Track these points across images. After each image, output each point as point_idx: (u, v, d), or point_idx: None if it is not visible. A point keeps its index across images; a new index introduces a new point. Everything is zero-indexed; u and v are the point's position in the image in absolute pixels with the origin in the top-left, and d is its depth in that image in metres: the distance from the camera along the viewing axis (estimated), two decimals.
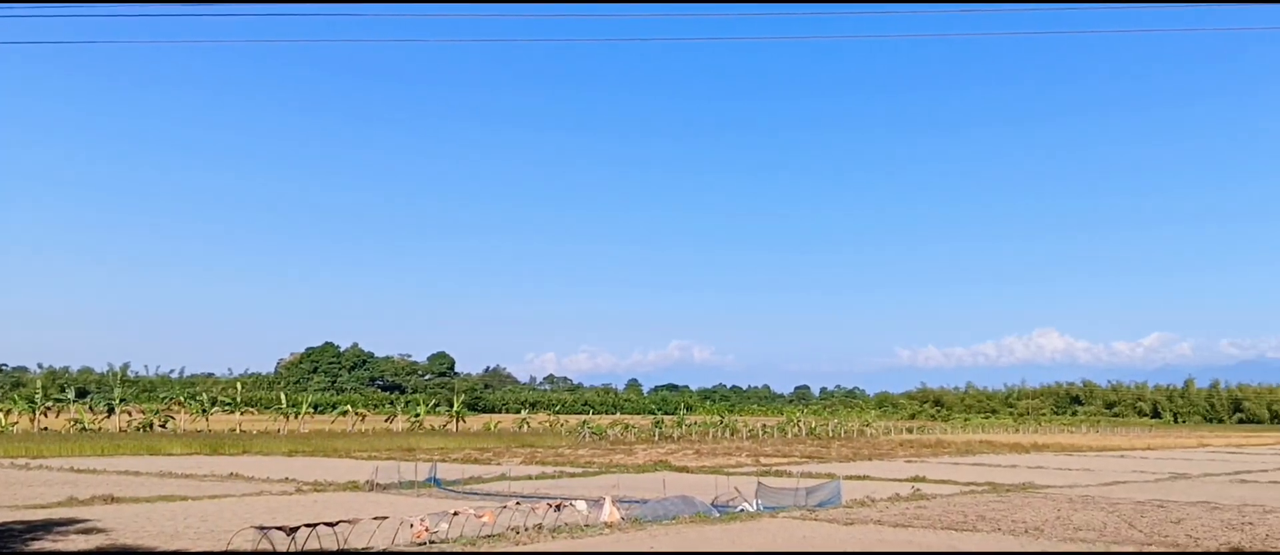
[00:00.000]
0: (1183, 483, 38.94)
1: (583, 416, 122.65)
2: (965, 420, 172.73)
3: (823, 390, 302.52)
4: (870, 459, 53.73)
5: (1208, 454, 67.72)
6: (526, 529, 20.71)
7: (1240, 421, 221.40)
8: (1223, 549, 19.30)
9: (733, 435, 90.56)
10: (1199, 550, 19.25)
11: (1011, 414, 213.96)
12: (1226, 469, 48.58)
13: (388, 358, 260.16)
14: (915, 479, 37.66)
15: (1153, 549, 19.37)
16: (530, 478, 38.33)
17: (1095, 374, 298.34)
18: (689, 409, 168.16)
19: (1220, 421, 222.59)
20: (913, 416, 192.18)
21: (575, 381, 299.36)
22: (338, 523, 18.45)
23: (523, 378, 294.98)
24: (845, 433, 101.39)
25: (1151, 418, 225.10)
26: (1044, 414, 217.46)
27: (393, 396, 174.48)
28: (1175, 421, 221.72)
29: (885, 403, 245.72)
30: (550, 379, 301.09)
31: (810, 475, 38.57)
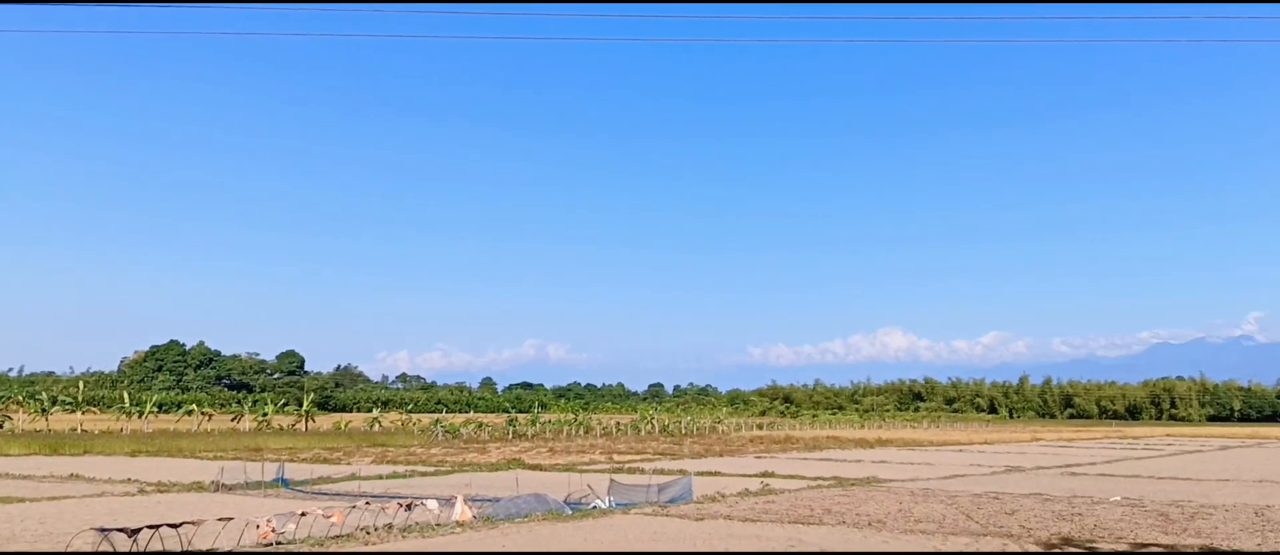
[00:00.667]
0: (1017, 476, 40.62)
1: (436, 415, 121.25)
2: (814, 416, 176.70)
3: (676, 388, 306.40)
4: (721, 455, 54.55)
5: (1041, 448, 70.76)
6: (376, 529, 20.47)
7: (1071, 417, 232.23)
8: (1053, 539, 20.23)
9: (587, 433, 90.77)
10: (1030, 542, 20.12)
11: (858, 410, 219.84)
12: (1058, 462, 50.85)
13: (235, 356, 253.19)
14: (765, 474, 38.39)
15: (988, 538, 20.21)
16: (381, 477, 37.79)
17: (937, 371, 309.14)
18: (543, 407, 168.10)
19: (1052, 417, 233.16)
20: (763, 413, 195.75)
21: (429, 380, 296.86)
22: (181, 524, 17.93)
23: (375, 376, 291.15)
24: (698, 430, 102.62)
25: (989, 413, 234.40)
26: (888, 410, 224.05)
27: (240, 396, 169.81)
28: (1011, 417, 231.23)
29: (737, 400, 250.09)
30: (403, 378, 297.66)
31: (663, 472, 38.97)
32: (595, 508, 25.24)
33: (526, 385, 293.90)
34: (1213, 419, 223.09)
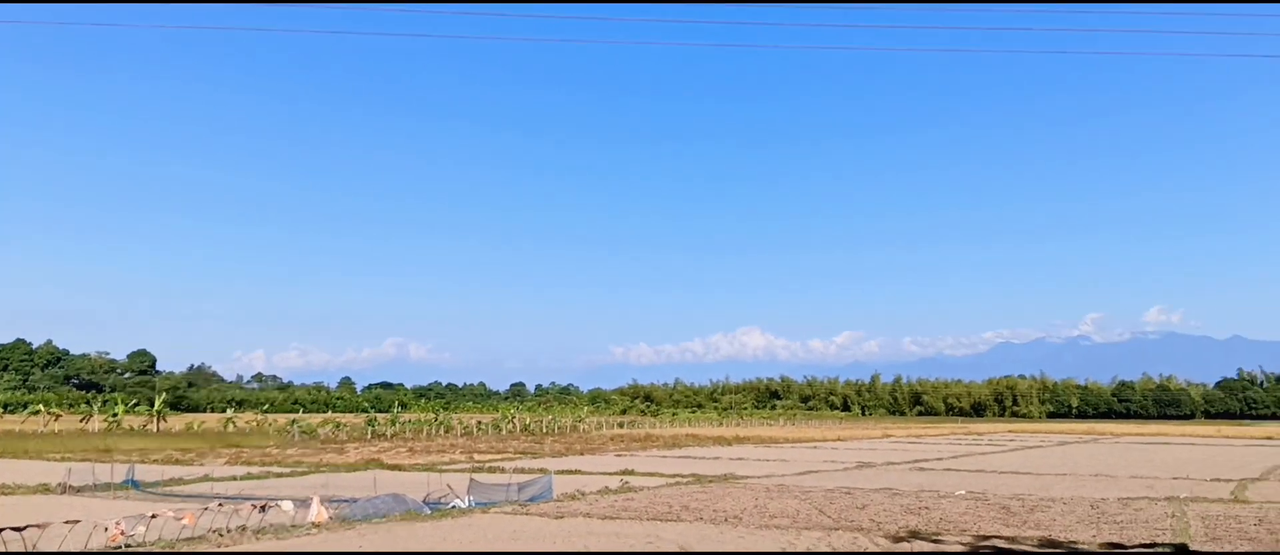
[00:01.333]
0: (868, 471, 41.74)
1: (293, 416, 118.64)
2: (674, 415, 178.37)
3: (538, 387, 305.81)
4: (582, 454, 54.66)
5: (891, 444, 72.81)
6: (229, 531, 19.97)
7: (920, 414, 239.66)
8: (902, 532, 20.88)
9: (448, 433, 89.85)
10: (879, 535, 20.73)
11: (717, 408, 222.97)
12: (907, 458, 52.41)
13: (84, 356, 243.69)
14: (625, 472, 38.64)
15: (839, 533, 20.75)
16: (235, 478, 36.78)
17: (793, 370, 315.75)
18: (404, 407, 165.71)
19: (903, 414, 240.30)
20: (624, 412, 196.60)
21: (286, 380, 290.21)
22: (26, 527, 17.20)
23: (230, 376, 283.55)
24: (559, 429, 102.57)
25: (842, 410, 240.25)
26: (746, 408, 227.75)
27: (89, 396, 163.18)
28: (863, 414, 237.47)
29: (598, 399, 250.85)
30: (259, 377, 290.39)
31: (523, 471, 38.91)
32: (454, 507, 25.07)
33: (386, 385, 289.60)
34: (1052, 415, 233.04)
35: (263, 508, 21.05)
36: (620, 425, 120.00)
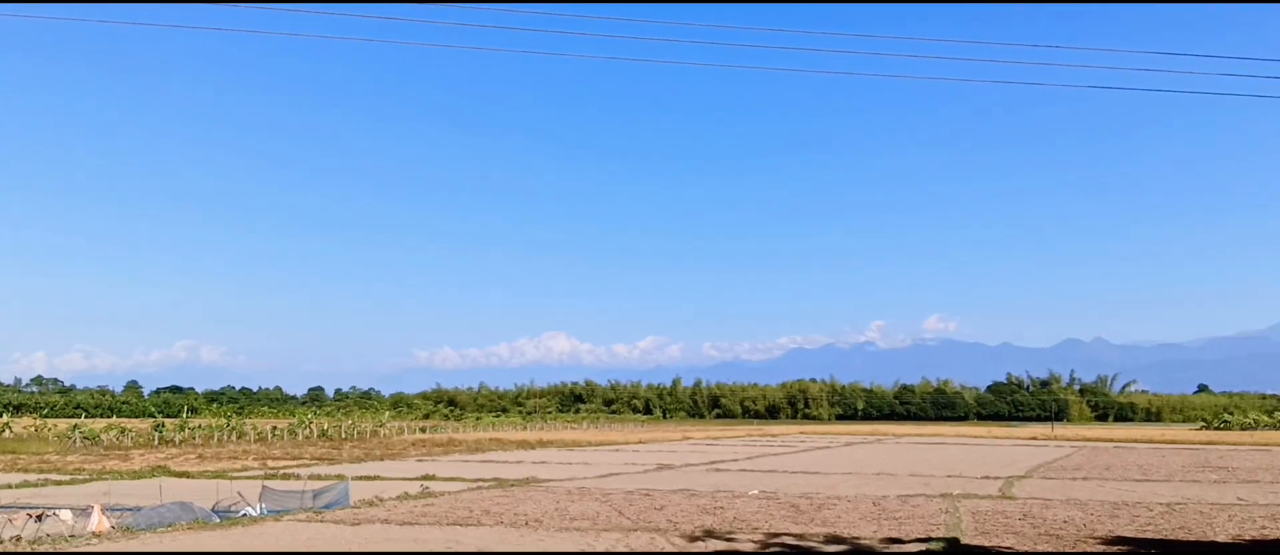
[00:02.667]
0: (667, 473, 42.63)
1: (74, 421, 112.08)
2: (477, 419, 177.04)
3: (338, 392, 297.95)
4: (382, 459, 53.84)
5: (690, 446, 74.35)
6: (2, 542, 18.99)
7: (718, 416, 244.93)
8: (697, 531, 21.54)
9: (241, 439, 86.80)
10: (676, 535, 21.34)
11: (521, 412, 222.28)
12: (704, 459, 53.70)
13: None
14: (425, 477, 38.34)
15: (638, 533, 21.25)
16: (10, 486, 34.75)
17: (597, 374, 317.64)
18: (194, 411, 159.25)
19: (702, 416, 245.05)
20: (427, 416, 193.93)
21: (67, 383, 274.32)
22: None
23: (6, 379, 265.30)
24: (358, 434, 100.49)
25: (644, 414, 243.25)
26: (550, 412, 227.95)
27: None
28: (664, 417, 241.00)
29: (400, 403, 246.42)
30: (38, 380, 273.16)
31: (319, 477, 38.08)
32: (245, 516, 24.45)
33: (176, 389, 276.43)
34: (841, 417, 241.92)
35: (39, 517, 20.16)
36: (423, 430, 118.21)
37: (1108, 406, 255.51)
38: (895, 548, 19.62)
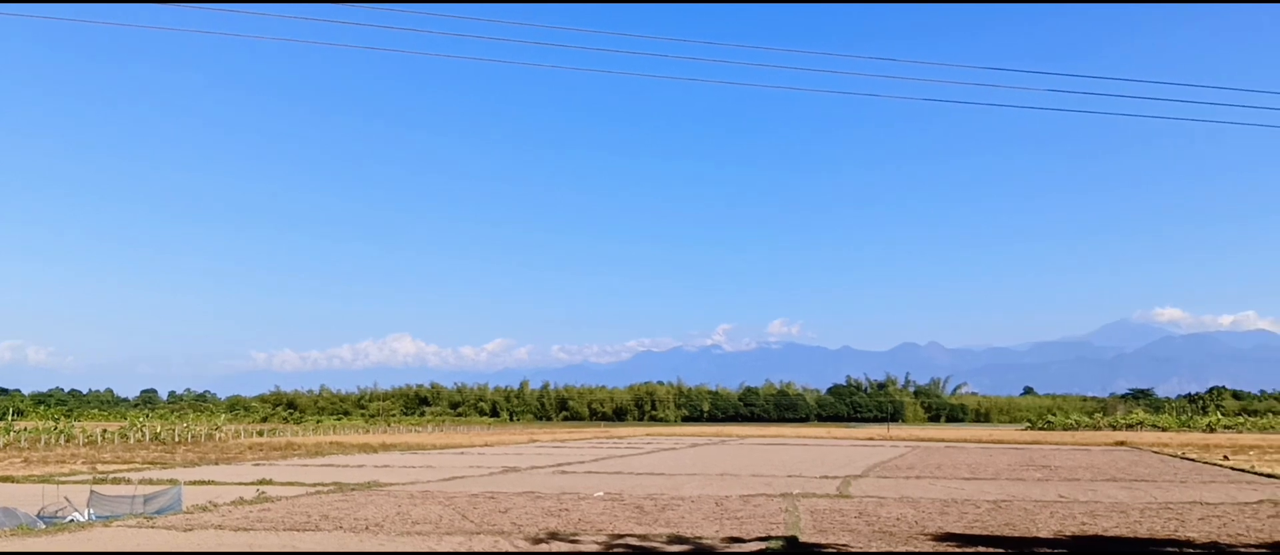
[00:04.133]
0: (513, 475, 42.42)
1: None
2: (318, 422, 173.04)
3: (172, 394, 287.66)
4: (217, 463, 52.11)
5: (536, 449, 74.08)
6: None
7: (566, 419, 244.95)
8: (541, 534, 21.53)
9: (69, 442, 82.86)
10: (520, 538, 21.29)
11: (364, 415, 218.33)
12: (551, 462, 53.60)
13: None
14: (262, 481, 37.30)
15: (481, 537, 21.13)
16: None
17: (444, 376, 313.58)
18: (20, 414, 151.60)
19: (549, 419, 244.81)
20: (265, 420, 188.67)
21: None
22: None
23: None
24: (192, 438, 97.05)
25: (491, 417, 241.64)
26: (394, 415, 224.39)
27: None
28: (511, 419, 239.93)
29: (237, 406, 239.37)
30: None
31: (151, 482, 36.68)
32: (73, 521, 23.40)
33: (0, 390, 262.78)
34: (687, 419, 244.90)
35: None
36: (261, 433, 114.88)
37: (940, 408, 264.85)
38: (736, 547, 19.98)
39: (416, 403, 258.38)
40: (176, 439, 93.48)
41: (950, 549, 20.04)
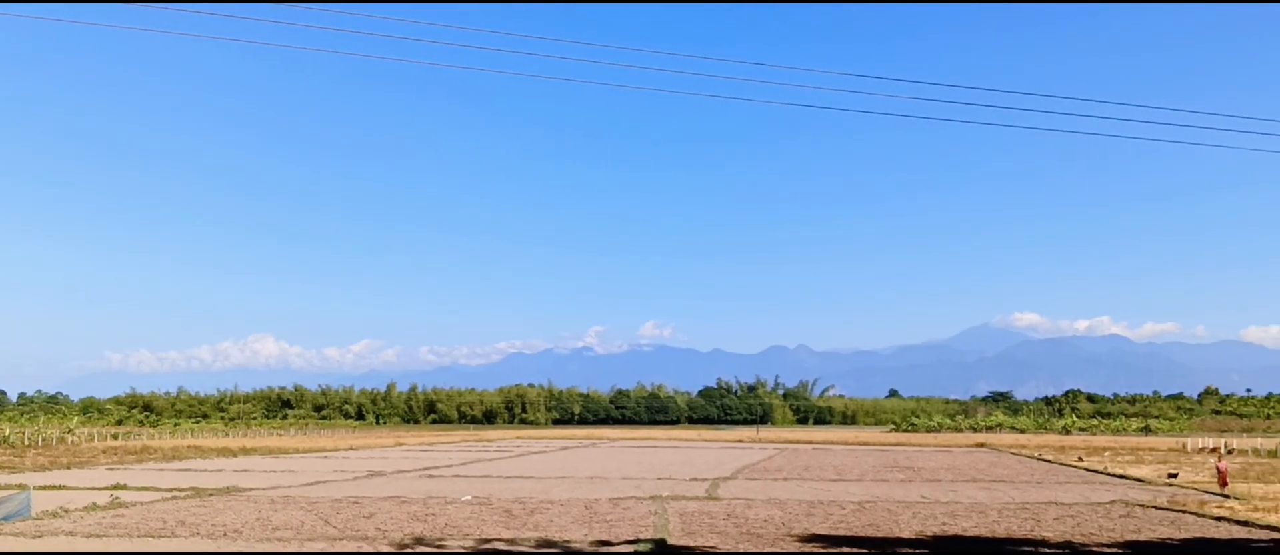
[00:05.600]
0: (378, 480, 41.71)
1: None
2: (176, 425, 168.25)
3: (21, 396, 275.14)
4: (69, 468, 50.07)
5: (403, 452, 73.05)
6: None
7: (434, 421, 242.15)
8: (407, 539, 21.20)
9: None
10: (384, 543, 20.94)
11: (223, 419, 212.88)
12: (418, 465, 52.90)
13: None
14: (116, 486, 35.97)
15: (344, 542, 20.71)
16: None
17: (308, 379, 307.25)
18: None
19: (417, 422, 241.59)
20: (120, 422, 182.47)
21: None
22: None
23: None
24: (43, 441, 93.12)
25: (357, 420, 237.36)
26: (256, 418, 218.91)
27: None
28: (378, 422, 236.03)
29: (91, 408, 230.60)
30: None
31: None
32: None
33: None
34: (558, 422, 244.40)
35: None
36: (116, 437, 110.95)
37: (808, 410, 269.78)
38: (605, 550, 19.98)
39: (279, 405, 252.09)
40: (26, 442, 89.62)
41: (815, 549, 20.39)
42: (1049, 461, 62.00)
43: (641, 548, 20.22)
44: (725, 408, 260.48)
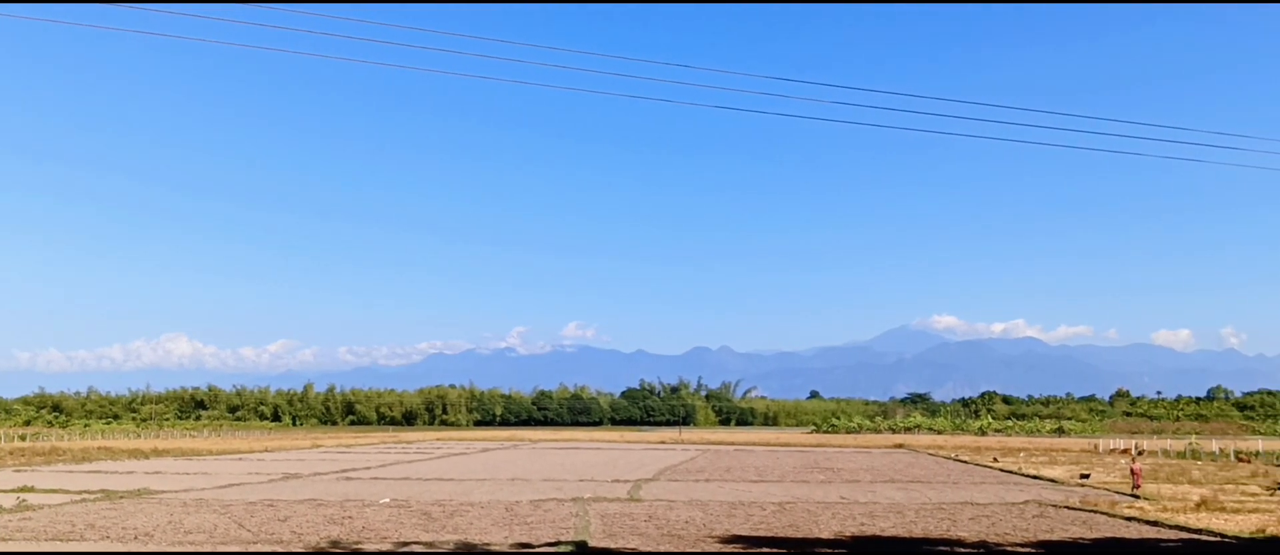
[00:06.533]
0: (294, 482, 41.04)
1: None
2: (86, 426, 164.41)
3: None
4: None
5: (320, 454, 72.01)
6: None
7: (352, 423, 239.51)
8: (323, 542, 20.88)
9: None
10: (299, 546, 20.59)
11: (135, 419, 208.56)
12: (335, 468, 52.14)
13: None
14: (23, 489, 34.95)
15: (259, 545, 20.32)
16: None
17: (222, 379, 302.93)
18: None
19: (335, 423, 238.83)
20: (28, 423, 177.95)
21: None
22: None
23: None
24: None
25: (273, 421, 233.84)
26: (168, 419, 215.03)
27: None
28: (294, 424, 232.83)
29: None
30: None
31: None
32: None
33: None
34: (479, 423, 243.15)
35: None
36: (23, 438, 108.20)
37: (731, 411, 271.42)
38: (525, 551, 19.85)
39: (192, 406, 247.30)
40: None
41: (736, 550, 20.46)
42: (965, 462, 63.08)
43: (562, 549, 20.12)
44: (648, 409, 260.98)
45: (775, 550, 20.65)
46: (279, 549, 19.88)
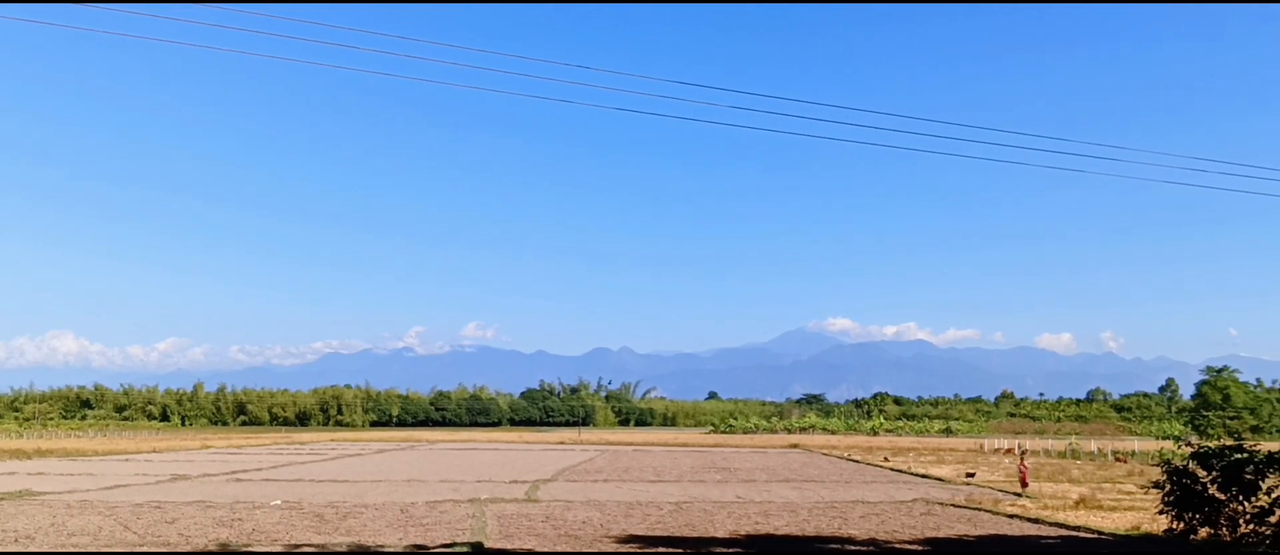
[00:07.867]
0: (183, 484, 40.12)
1: None
2: None
3: None
4: None
5: (210, 455, 70.39)
6: None
7: (244, 424, 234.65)
8: (211, 545, 20.49)
9: None
10: (187, 549, 20.18)
11: (17, 419, 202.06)
12: (226, 469, 51.05)
13: None
14: None
15: (146, 548, 19.86)
16: None
17: (110, 378, 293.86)
18: None
19: (226, 424, 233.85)
20: None
21: None
22: None
23: None
24: None
25: (161, 421, 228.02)
26: (52, 418, 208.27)
27: None
28: (184, 424, 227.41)
29: None
30: None
31: None
32: None
33: None
34: (375, 424, 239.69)
35: None
36: None
37: (630, 412, 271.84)
38: (420, 553, 19.72)
39: (78, 405, 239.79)
40: None
41: (633, 550, 20.59)
42: (857, 462, 64.23)
43: (458, 550, 20.04)
44: (548, 410, 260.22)
45: (672, 549, 20.83)
46: (166, 551, 19.46)
